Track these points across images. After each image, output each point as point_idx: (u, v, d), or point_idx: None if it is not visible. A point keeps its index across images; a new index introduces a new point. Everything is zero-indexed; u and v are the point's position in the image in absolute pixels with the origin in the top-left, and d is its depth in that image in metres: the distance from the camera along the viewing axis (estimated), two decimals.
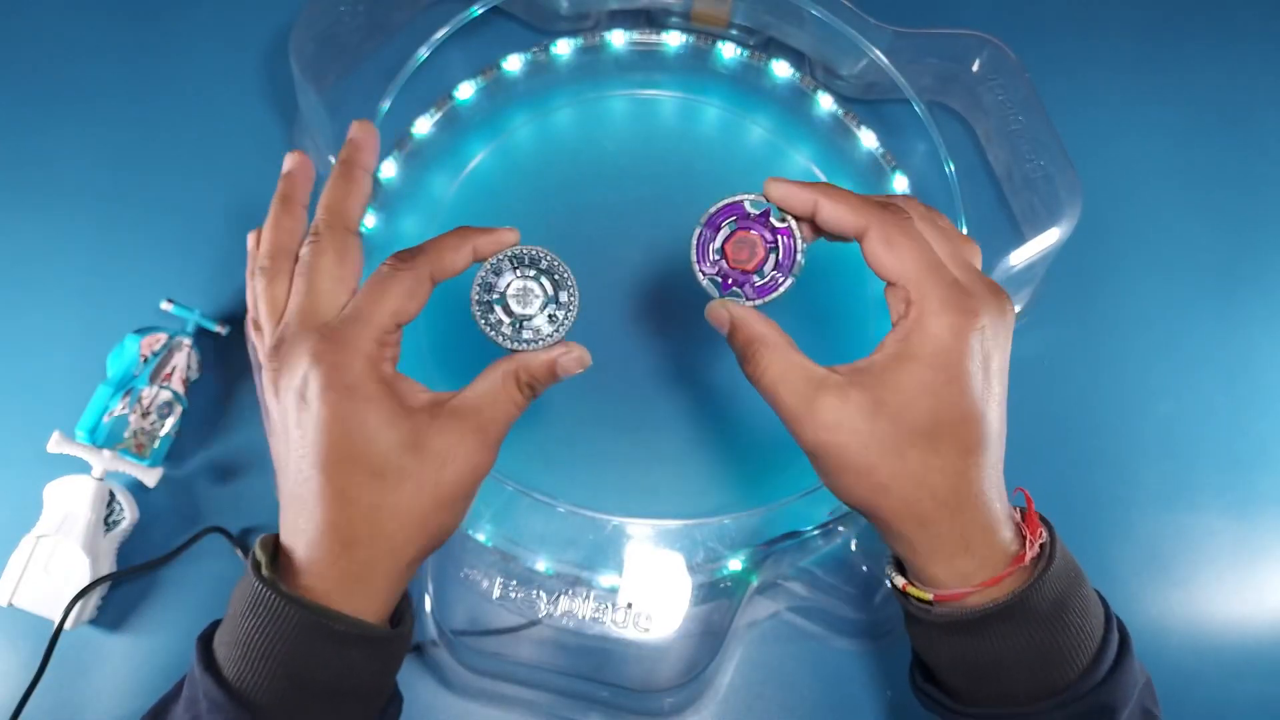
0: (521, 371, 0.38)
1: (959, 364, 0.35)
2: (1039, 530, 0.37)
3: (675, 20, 0.61)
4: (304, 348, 0.35)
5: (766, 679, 0.52)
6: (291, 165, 0.41)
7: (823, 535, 0.50)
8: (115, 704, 0.50)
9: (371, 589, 0.35)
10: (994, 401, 0.36)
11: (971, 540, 0.36)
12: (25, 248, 0.58)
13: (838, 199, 0.38)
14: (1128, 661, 0.37)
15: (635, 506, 0.50)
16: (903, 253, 0.36)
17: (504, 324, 0.38)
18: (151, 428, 0.51)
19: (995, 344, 0.36)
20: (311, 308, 0.36)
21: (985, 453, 0.36)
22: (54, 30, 0.63)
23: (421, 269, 0.37)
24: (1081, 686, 0.36)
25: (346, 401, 0.35)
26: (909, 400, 0.35)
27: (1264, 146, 0.64)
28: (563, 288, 0.39)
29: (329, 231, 0.38)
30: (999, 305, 0.37)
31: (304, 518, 0.35)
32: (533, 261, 0.39)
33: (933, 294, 0.36)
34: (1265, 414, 0.58)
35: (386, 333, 0.36)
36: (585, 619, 0.49)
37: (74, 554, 0.48)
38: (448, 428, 0.36)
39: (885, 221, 0.37)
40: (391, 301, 0.36)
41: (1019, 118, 0.57)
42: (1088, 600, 0.37)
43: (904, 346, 0.36)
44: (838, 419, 0.36)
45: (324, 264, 0.37)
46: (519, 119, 0.60)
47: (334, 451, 0.34)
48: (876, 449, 0.35)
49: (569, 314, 0.39)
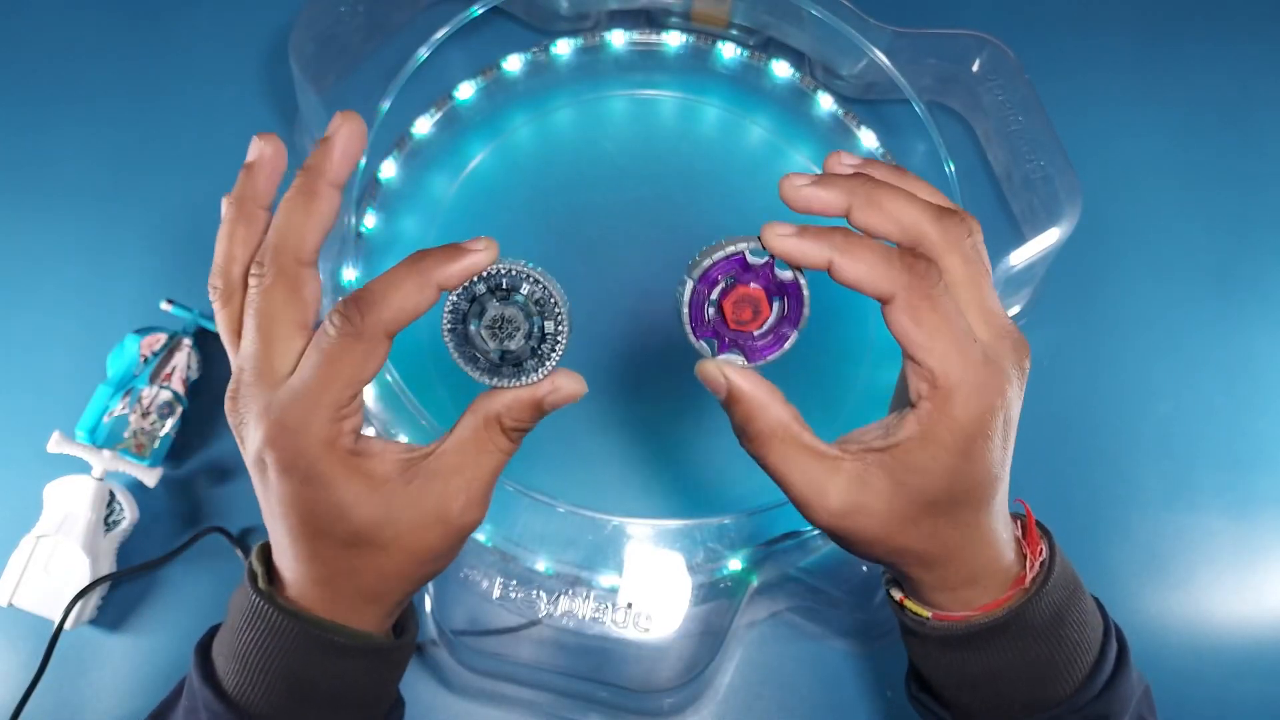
0: (505, 416, 0.33)
1: (982, 444, 0.33)
2: (1039, 547, 0.36)
3: (675, 20, 0.61)
4: (258, 422, 0.32)
5: (766, 679, 0.52)
6: (255, 155, 0.35)
7: (823, 536, 0.50)
8: (115, 704, 0.50)
9: (365, 618, 0.35)
10: (1008, 457, 0.35)
11: (978, 574, 0.36)
12: (25, 247, 0.58)
13: (857, 255, 0.32)
14: (1125, 673, 0.37)
15: (635, 506, 0.50)
16: (931, 330, 0.32)
17: (480, 359, 0.33)
18: (151, 428, 0.51)
19: (1016, 406, 0.34)
20: (264, 358, 0.32)
21: (995, 503, 0.35)
22: (54, 30, 0.63)
23: (374, 329, 0.31)
24: (1077, 700, 0.36)
25: (306, 488, 0.32)
26: (928, 481, 0.33)
27: (1263, 146, 0.64)
28: (549, 315, 0.33)
29: (275, 265, 0.33)
30: (1020, 365, 0.34)
31: (283, 562, 0.34)
32: (511, 284, 0.32)
33: (962, 380, 0.32)
34: (1264, 414, 0.58)
35: (341, 407, 0.32)
36: (585, 619, 0.49)
37: (74, 554, 0.48)
38: (425, 493, 0.33)
39: (912, 291, 0.32)
40: (344, 373, 0.31)
41: (1018, 118, 0.57)
42: (1085, 612, 0.37)
43: (927, 430, 0.33)
44: (855, 504, 0.33)
45: (273, 307, 0.33)
46: (519, 119, 0.60)
47: (302, 526, 0.33)
48: (895, 524, 0.34)
49: (556, 344, 0.33)
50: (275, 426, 0.32)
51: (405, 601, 0.36)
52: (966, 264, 0.34)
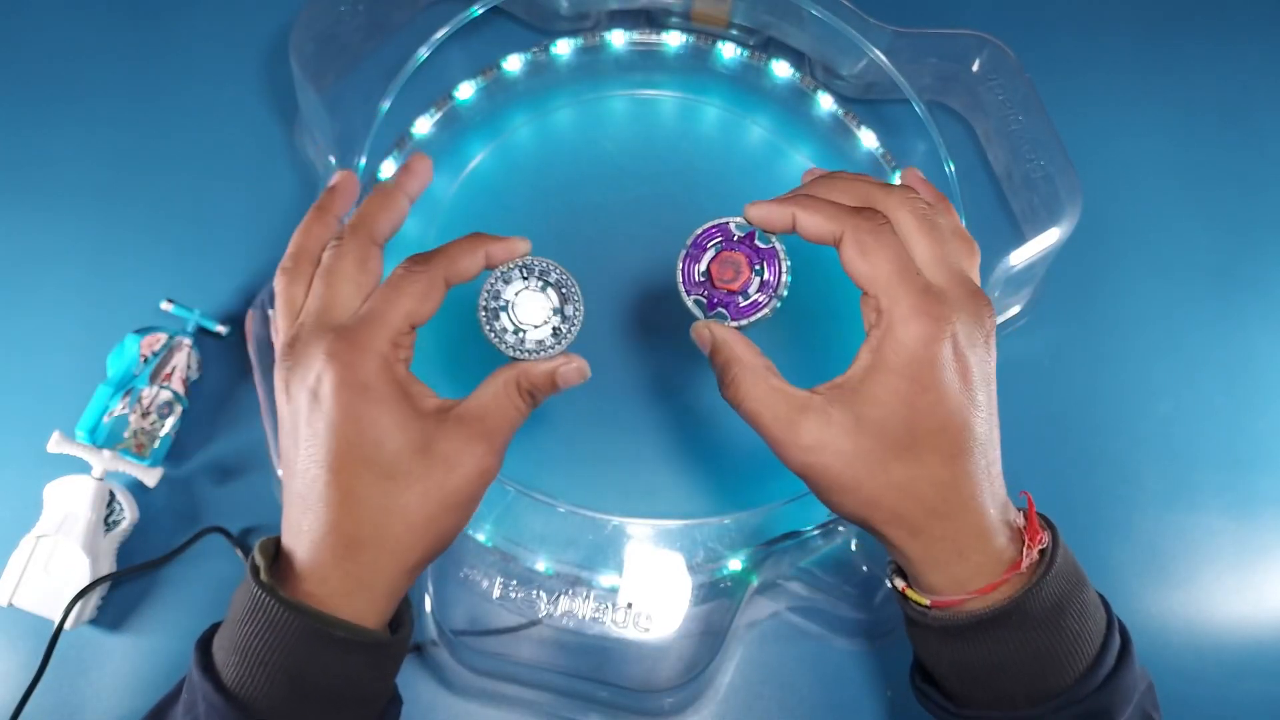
0: (523, 379, 0.38)
1: (931, 372, 0.35)
2: (1039, 535, 0.37)
3: (675, 20, 0.62)
4: (318, 346, 0.35)
5: (766, 679, 0.52)
6: (336, 181, 0.42)
7: (823, 535, 0.50)
8: (115, 704, 0.50)
9: (373, 593, 0.35)
10: (976, 408, 0.36)
11: (965, 547, 0.36)
12: (25, 247, 0.58)
13: (813, 209, 0.37)
14: (1127, 666, 0.37)
15: (635, 506, 0.50)
16: (875, 258, 0.36)
17: (508, 332, 0.39)
18: (151, 428, 0.51)
19: (971, 348, 0.36)
20: (328, 308, 0.37)
21: (971, 459, 0.36)
22: (54, 30, 0.63)
23: (436, 272, 0.37)
24: (1078, 691, 0.36)
25: (360, 400, 0.35)
26: (886, 413, 0.35)
27: (1264, 146, 0.64)
28: (569, 301, 0.39)
29: (352, 237, 0.38)
30: (974, 309, 0.36)
31: (309, 518, 0.35)
32: (542, 273, 0.39)
33: (902, 301, 0.35)
34: (1265, 414, 0.58)
35: (400, 333, 0.36)
36: (585, 619, 0.49)
37: (74, 554, 0.48)
38: (455, 433, 0.36)
39: (859, 227, 0.36)
40: (406, 302, 0.36)
41: (1019, 118, 0.57)
42: (1088, 604, 0.37)
43: (876, 358, 0.36)
44: (820, 440, 0.36)
45: (343, 267, 0.37)
46: (519, 119, 0.60)
47: (345, 451, 0.34)
48: (861, 465, 0.35)
49: (573, 327, 0.39)
50: (339, 341, 0.35)
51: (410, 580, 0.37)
52: (918, 220, 0.37)
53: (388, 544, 0.35)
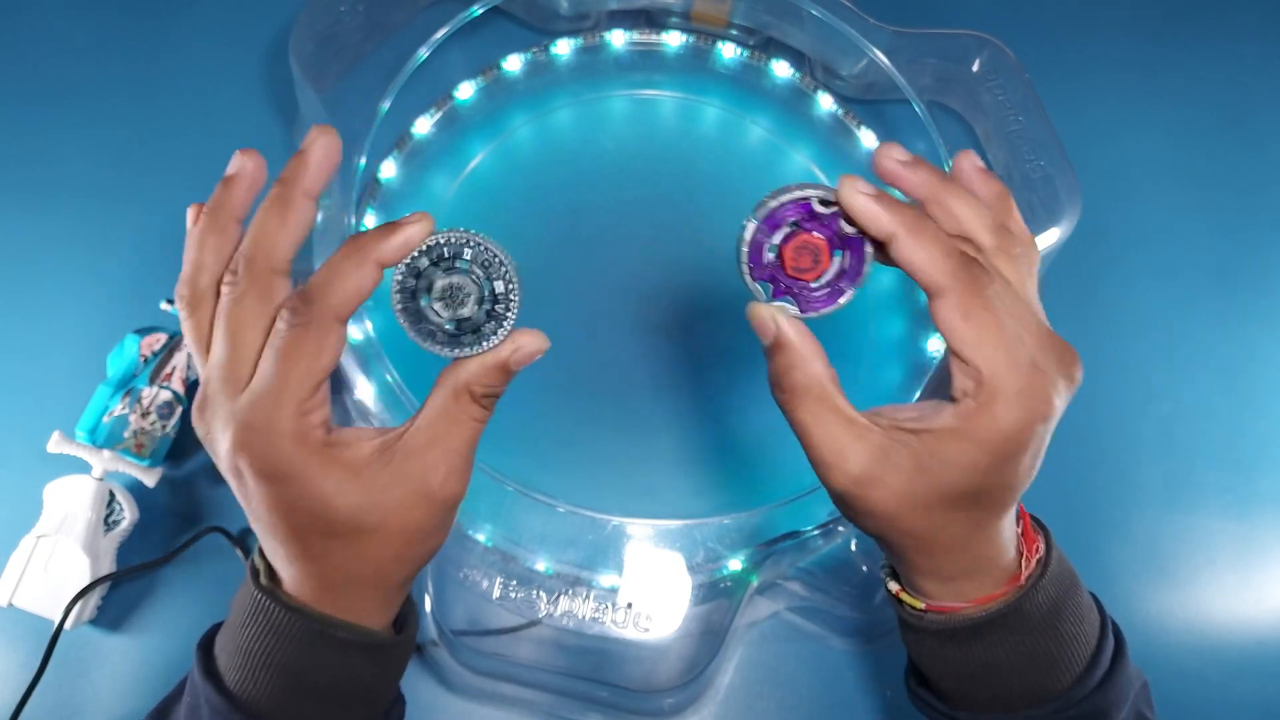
0: (475, 384, 0.33)
1: (1019, 451, 0.33)
2: (1035, 545, 0.37)
3: (675, 20, 0.62)
4: (225, 429, 0.32)
5: (766, 679, 0.52)
6: (235, 169, 0.34)
7: (823, 535, 0.50)
8: (115, 704, 0.50)
9: (365, 610, 0.35)
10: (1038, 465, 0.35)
11: (976, 570, 0.36)
12: (25, 247, 0.58)
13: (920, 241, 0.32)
14: (1122, 667, 0.37)
15: (635, 506, 0.50)
16: (980, 328, 0.32)
17: (438, 332, 0.33)
18: (151, 428, 0.51)
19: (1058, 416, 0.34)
20: (231, 367, 0.32)
21: (1012, 506, 0.35)
22: (54, 30, 0.63)
23: (323, 317, 0.32)
24: (1075, 693, 0.36)
25: (283, 487, 0.32)
26: (954, 474, 0.33)
27: (1263, 147, 0.64)
28: (497, 276, 0.33)
29: (249, 274, 0.32)
30: (1069, 378, 0.34)
31: (277, 563, 0.34)
32: (455, 253, 0.33)
33: (1008, 383, 0.32)
34: (1265, 414, 0.58)
35: (304, 400, 0.32)
36: (585, 619, 0.49)
37: (74, 554, 0.48)
38: (404, 472, 0.33)
39: (965, 288, 0.32)
40: (301, 366, 0.31)
41: (1018, 118, 0.57)
42: (1082, 606, 0.37)
43: (964, 425, 0.33)
44: (871, 474, 0.33)
45: (244, 315, 0.32)
46: (519, 119, 0.60)
47: (285, 523, 0.33)
48: (907, 505, 0.34)
49: (510, 303, 0.33)
50: (242, 430, 0.31)
51: (406, 587, 0.36)
52: (1016, 271, 0.34)
53: (362, 581, 0.34)
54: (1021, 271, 0.35)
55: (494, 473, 0.49)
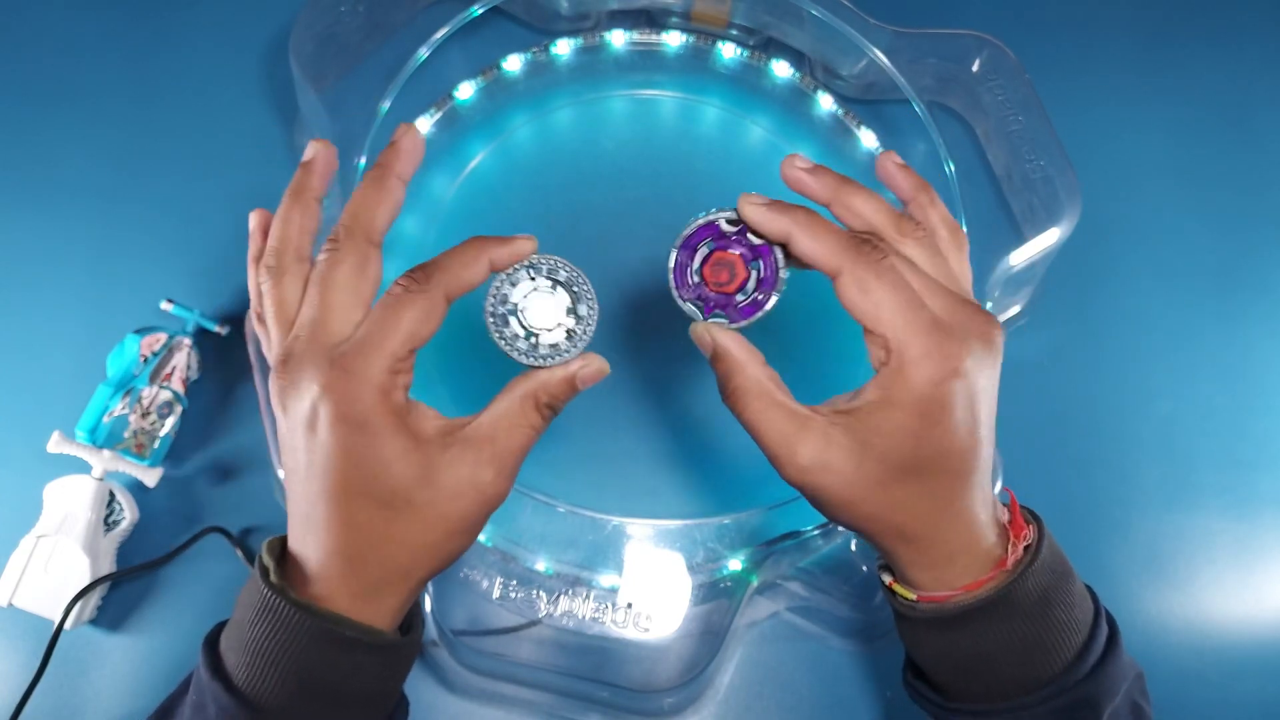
0: (542, 393, 0.36)
1: (941, 410, 0.34)
2: (1024, 532, 0.37)
3: (675, 20, 0.62)
4: (314, 374, 0.34)
5: (766, 679, 0.52)
6: (312, 154, 0.39)
7: (823, 535, 0.50)
8: (115, 704, 0.50)
9: (380, 606, 0.35)
10: (980, 428, 0.36)
11: (953, 553, 0.36)
12: (25, 247, 0.58)
13: (812, 233, 0.36)
14: (1115, 655, 0.37)
15: (635, 506, 0.50)
16: (878, 298, 0.35)
17: (519, 338, 0.36)
18: (151, 428, 0.51)
19: (979, 375, 0.35)
20: (323, 323, 0.34)
21: (970, 477, 0.36)
22: (54, 29, 0.63)
23: (436, 289, 0.35)
24: (1066, 680, 0.36)
25: (357, 436, 0.33)
26: (892, 444, 0.35)
27: (1263, 146, 0.64)
28: (581, 300, 0.37)
29: (349, 240, 0.36)
30: (983, 336, 0.35)
31: (312, 538, 0.35)
32: (550, 272, 0.37)
33: (912, 343, 0.34)
34: (1265, 414, 0.58)
35: (399, 360, 0.34)
36: (585, 619, 0.49)
37: (74, 554, 0.48)
38: (461, 459, 0.34)
39: (858, 264, 0.35)
40: (405, 326, 0.34)
41: (1018, 118, 0.57)
42: (1074, 594, 0.37)
43: (886, 394, 0.35)
44: (820, 460, 0.35)
45: (340, 276, 0.35)
46: (519, 119, 0.60)
47: (343, 483, 0.34)
48: (861, 486, 0.35)
49: (588, 327, 0.37)
50: (336, 371, 0.33)
51: (421, 588, 0.37)
52: (922, 252, 0.37)
53: (391, 566, 0.35)
54: (927, 251, 0.37)
55: None
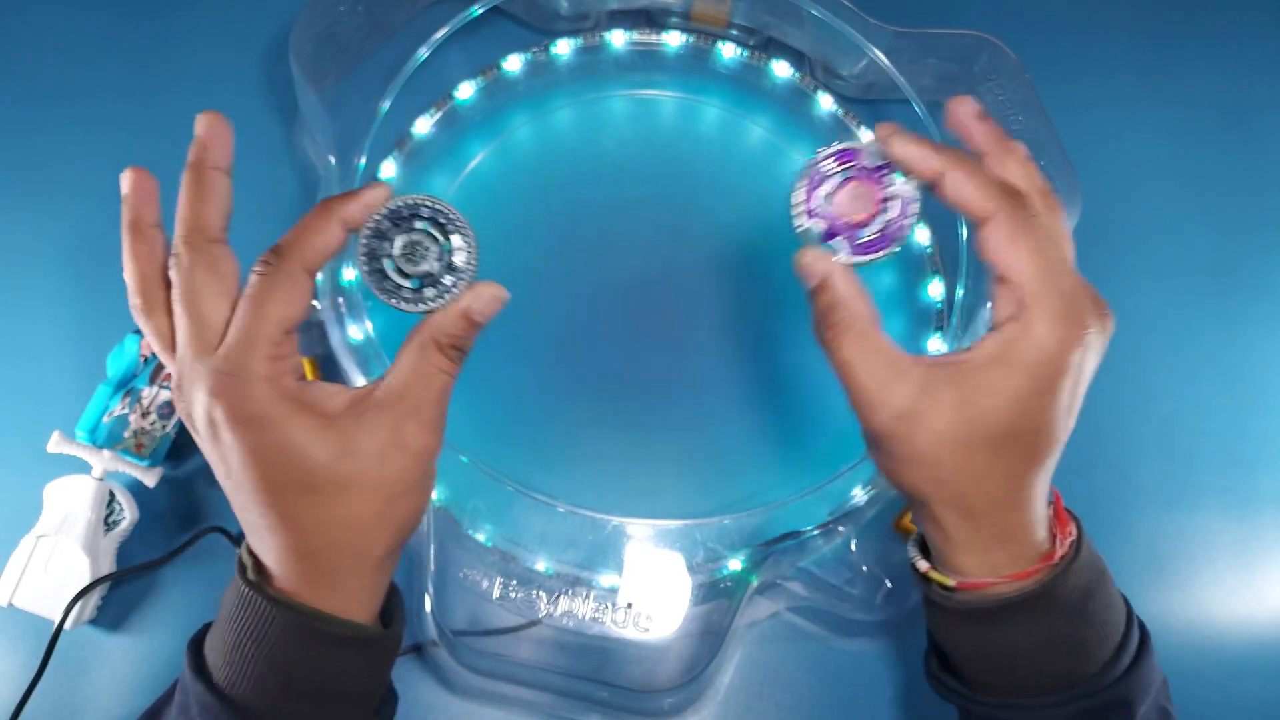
0: (439, 335, 0.35)
1: (1057, 378, 0.34)
2: (1069, 527, 0.37)
3: (675, 20, 0.62)
4: (201, 384, 0.33)
5: (766, 679, 0.52)
6: (127, 187, 0.36)
7: (823, 535, 0.50)
8: (115, 704, 0.50)
9: (345, 592, 0.35)
10: (1073, 416, 0.36)
11: (1009, 537, 0.36)
12: (25, 247, 0.58)
13: (967, 175, 0.35)
14: (1147, 658, 0.37)
15: (635, 506, 0.50)
16: (1024, 252, 0.34)
17: (403, 288, 0.35)
18: (151, 428, 0.51)
19: (1091, 360, 0.35)
20: (198, 334, 0.33)
21: (1050, 460, 0.36)
22: (53, 29, 0.63)
23: (292, 265, 0.34)
24: (1103, 679, 0.36)
25: (259, 432, 0.33)
26: (997, 405, 0.34)
27: (1263, 147, 0.64)
28: (454, 230, 0.36)
29: (189, 248, 0.34)
30: (1103, 319, 0.35)
31: (257, 539, 0.35)
32: (413, 213, 0.36)
33: (1048, 303, 0.34)
34: (1265, 414, 0.58)
35: (277, 345, 0.33)
36: (585, 619, 0.49)
37: (74, 554, 0.48)
38: (377, 423, 0.34)
39: (1012, 214, 0.34)
40: (272, 311, 0.33)
41: (1019, 118, 0.57)
42: (1111, 595, 0.37)
43: (1007, 350, 0.34)
44: (914, 409, 0.34)
45: (196, 285, 0.34)
46: (519, 119, 0.60)
47: (262, 480, 0.33)
48: (948, 444, 0.34)
49: (469, 257, 0.35)
50: (217, 377, 0.33)
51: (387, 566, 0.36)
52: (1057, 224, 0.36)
53: (342, 549, 0.34)
54: (1063, 227, 0.36)
55: (494, 473, 0.49)
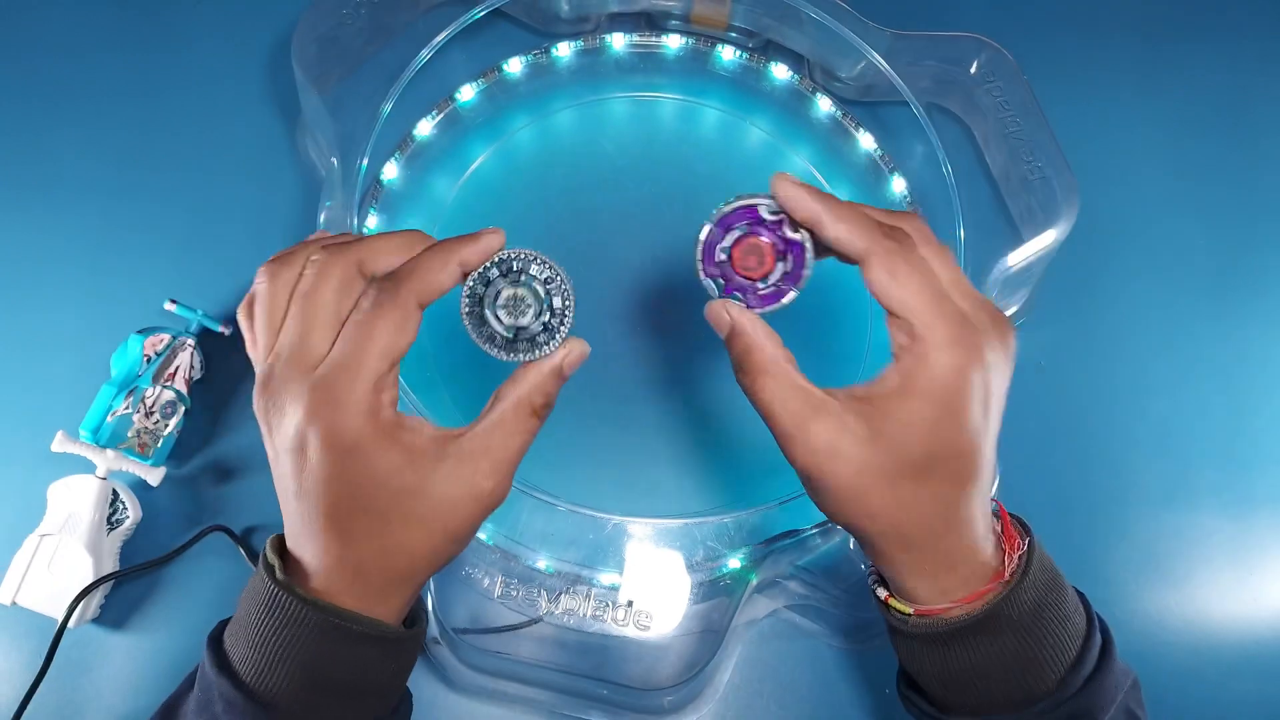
0: (535, 397, 0.36)
1: (960, 401, 0.34)
2: (1017, 543, 0.37)
3: (675, 23, 0.62)
4: (297, 400, 0.33)
5: (765, 677, 0.52)
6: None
7: (821, 534, 0.50)
8: (118, 702, 0.50)
9: (386, 606, 0.36)
10: (990, 432, 0.36)
11: (954, 561, 0.36)
12: (29, 247, 0.58)
13: (842, 217, 0.36)
14: (1109, 666, 0.37)
15: (635, 505, 0.51)
16: (906, 283, 0.35)
17: (498, 336, 0.36)
18: (155, 427, 0.52)
19: (996, 377, 0.35)
20: (303, 345, 0.34)
21: (978, 482, 0.36)
22: (58, 29, 0.63)
23: (407, 299, 0.34)
24: (1062, 694, 0.36)
25: (349, 459, 0.33)
26: (907, 434, 0.34)
27: (1260, 148, 0.65)
28: (556, 292, 0.37)
29: (336, 260, 0.35)
30: (1002, 337, 0.36)
31: (310, 547, 0.35)
32: (522, 267, 0.36)
33: (937, 329, 0.34)
34: (1261, 413, 0.59)
35: (381, 376, 0.34)
36: (586, 617, 0.49)
37: (77, 553, 0.49)
38: (458, 472, 0.34)
39: (889, 250, 0.35)
40: (381, 341, 0.33)
41: (1016, 120, 0.58)
42: (1066, 606, 0.37)
43: (906, 381, 0.35)
44: (832, 445, 0.35)
45: (324, 295, 0.34)
46: (520, 121, 0.61)
47: (340, 503, 0.34)
48: (869, 477, 0.35)
49: (565, 319, 0.37)
50: (319, 399, 0.33)
51: (422, 586, 0.37)
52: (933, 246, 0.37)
53: (394, 572, 0.35)
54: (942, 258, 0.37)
55: None
